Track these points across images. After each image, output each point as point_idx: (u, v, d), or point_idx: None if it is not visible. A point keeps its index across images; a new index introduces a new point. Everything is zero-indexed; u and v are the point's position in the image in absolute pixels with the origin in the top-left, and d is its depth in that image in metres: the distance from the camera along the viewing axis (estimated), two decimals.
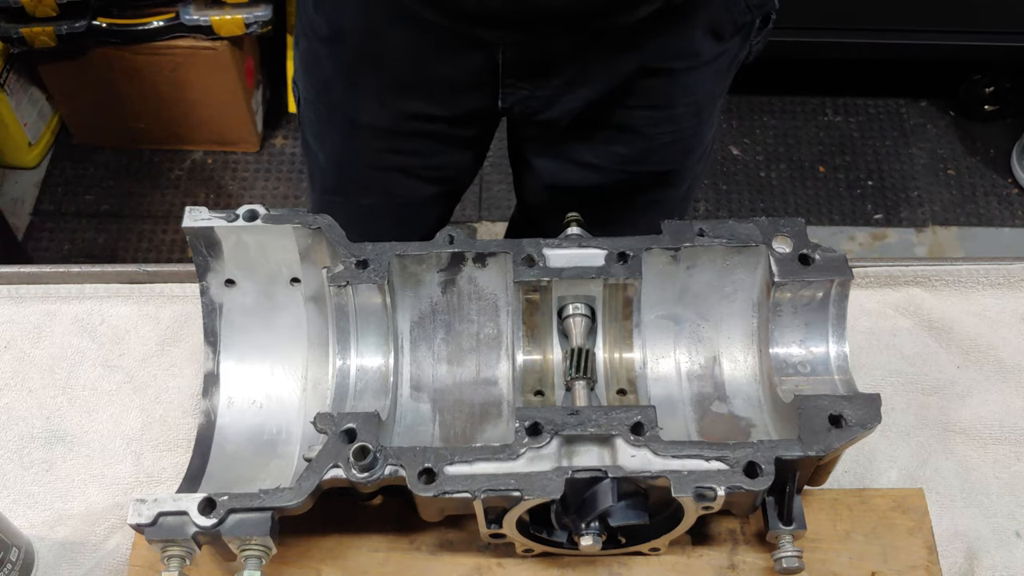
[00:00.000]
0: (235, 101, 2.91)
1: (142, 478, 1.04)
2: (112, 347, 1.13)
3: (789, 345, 0.92)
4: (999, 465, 1.04)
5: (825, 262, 0.90)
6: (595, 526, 0.83)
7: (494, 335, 0.99)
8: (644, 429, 0.83)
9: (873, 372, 1.10)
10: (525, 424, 0.83)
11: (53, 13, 2.61)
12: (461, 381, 0.98)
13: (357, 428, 0.84)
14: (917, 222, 2.84)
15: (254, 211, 0.94)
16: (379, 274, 0.92)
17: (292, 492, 0.82)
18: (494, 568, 0.95)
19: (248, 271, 0.98)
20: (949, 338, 1.12)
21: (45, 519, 1.01)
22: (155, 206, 3.00)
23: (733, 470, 0.81)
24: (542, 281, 0.93)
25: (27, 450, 1.06)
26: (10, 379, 1.11)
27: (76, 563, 0.98)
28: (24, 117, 2.94)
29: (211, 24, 2.66)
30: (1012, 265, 1.16)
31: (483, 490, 0.81)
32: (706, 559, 0.95)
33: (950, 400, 1.08)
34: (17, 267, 1.19)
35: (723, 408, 0.96)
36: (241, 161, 3.10)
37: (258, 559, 0.83)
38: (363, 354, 0.96)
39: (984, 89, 2.97)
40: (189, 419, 1.07)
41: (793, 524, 0.89)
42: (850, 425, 0.83)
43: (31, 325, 1.15)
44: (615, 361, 0.98)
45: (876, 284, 1.17)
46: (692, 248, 0.93)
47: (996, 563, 0.97)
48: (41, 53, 2.74)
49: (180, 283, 1.17)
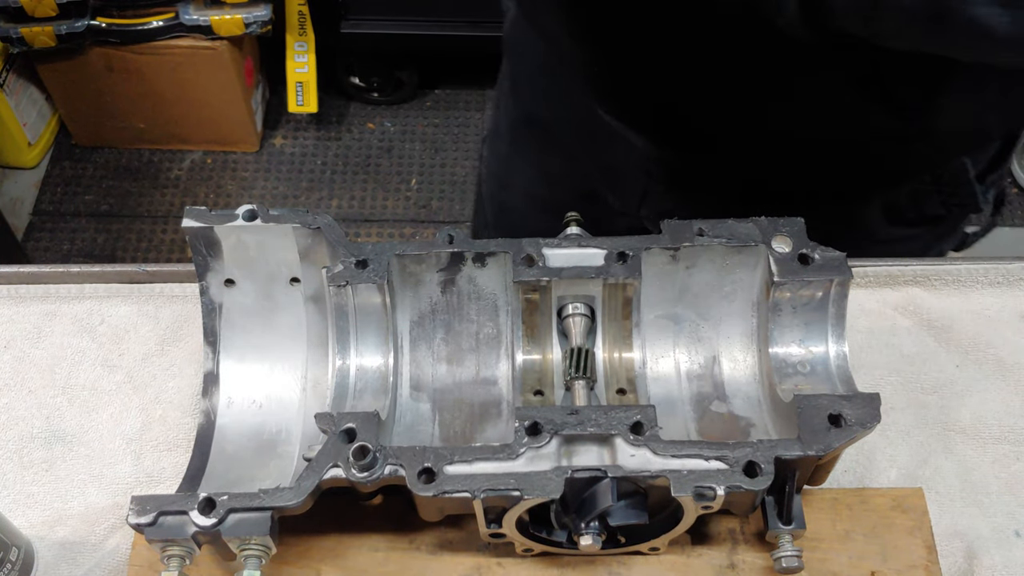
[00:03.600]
0: (234, 101, 2.92)
1: (142, 478, 1.04)
2: (112, 347, 1.13)
3: (788, 345, 0.93)
4: (999, 465, 1.04)
5: (824, 262, 0.90)
6: (595, 526, 0.83)
7: (494, 335, 0.99)
8: (644, 429, 0.83)
9: (873, 372, 1.10)
10: (525, 424, 0.83)
11: (53, 13, 2.61)
12: (461, 381, 0.98)
13: (357, 428, 0.84)
14: None
15: (253, 211, 0.94)
16: (378, 274, 0.92)
17: (292, 492, 0.82)
18: (494, 568, 0.95)
19: (248, 271, 0.98)
20: (949, 337, 1.12)
21: (45, 519, 1.01)
22: (155, 206, 3.00)
23: (732, 470, 0.81)
24: (542, 281, 0.93)
25: (27, 450, 1.06)
26: (10, 379, 1.11)
27: (76, 563, 0.98)
28: (24, 117, 2.95)
29: (211, 24, 2.66)
30: (1011, 264, 1.16)
31: (483, 490, 0.81)
32: (706, 559, 0.95)
33: (950, 399, 1.08)
34: (17, 267, 1.19)
35: (722, 408, 0.96)
36: (240, 161, 3.10)
37: (258, 559, 0.83)
38: (363, 354, 0.96)
39: None
40: (189, 419, 1.07)
41: (793, 523, 0.89)
42: (849, 424, 0.83)
43: (31, 325, 1.15)
44: (615, 361, 0.98)
45: (875, 284, 1.17)
46: (691, 248, 0.93)
47: (996, 563, 0.97)
48: (41, 53, 2.74)
49: (180, 283, 1.17)
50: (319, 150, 3.14)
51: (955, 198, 1.12)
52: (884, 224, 1.13)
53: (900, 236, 1.15)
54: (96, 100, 2.91)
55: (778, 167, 1.07)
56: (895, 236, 1.15)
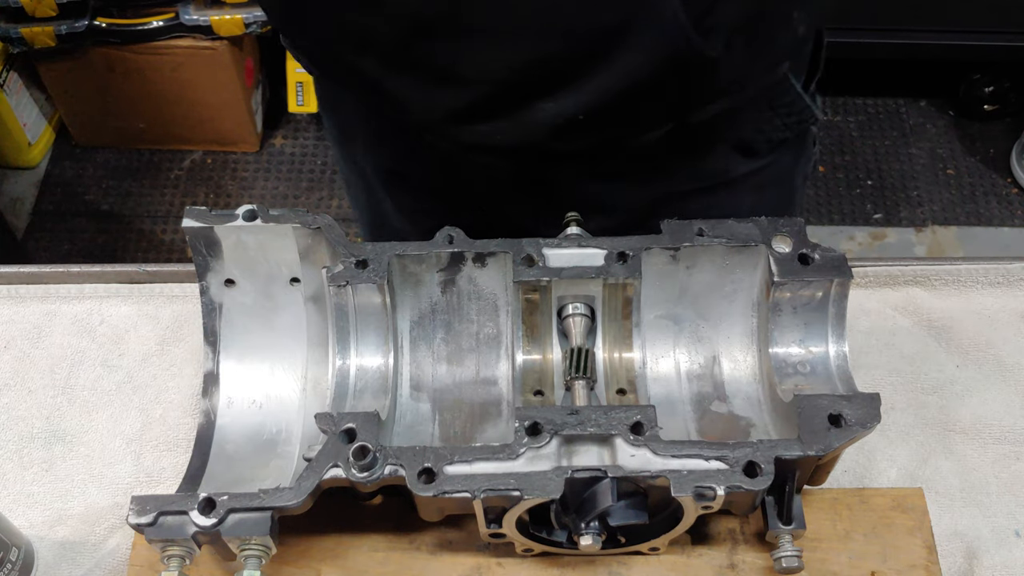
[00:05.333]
0: (235, 101, 2.91)
1: (142, 478, 1.04)
2: (112, 347, 1.13)
3: (789, 345, 0.93)
4: (999, 465, 1.04)
5: (825, 262, 0.90)
6: (595, 526, 0.83)
7: (494, 335, 0.99)
8: (644, 429, 0.83)
9: (873, 372, 1.10)
10: (525, 424, 0.83)
11: (53, 13, 2.61)
12: (461, 381, 0.98)
13: (357, 428, 0.84)
14: (916, 222, 2.84)
15: (253, 211, 0.94)
16: (379, 274, 0.92)
17: (292, 492, 0.82)
18: (494, 568, 0.95)
19: (248, 271, 0.98)
20: (949, 337, 1.12)
21: (45, 519, 1.01)
22: (155, 206, 3.00)
23: (733, 470, 0.81)
24: (542, 281, 0.93)
25: (27, 450, 1.06)
26: (10, 379, 1.11)
27: (76, 563, 0.98)
28: (24, 117, 2.94)
29: (211, 24, 2.66)
30: (1011, 264, 1.16)
31: (483, 490, 0.81)
32: (706, 559, 0.95)
33: (950, 399, 1.08)
34: (17, 267, 1.19)
35: (723, 408, 0.96)
36: (241, 161, 3.10)
37: (258, 559, 0.83)
38: (363, 354, 0.96)
39: (984, 89, 2.97)
40: (189, 419, 1.07)
41: (793, 523, 0.89)
42: (850, 425, 0.83)
43: (31, 325, 1.15)
44: (615, 361, 0.98)
45: (876, 284, 1.17)
46: (691, 248, 0.93)
47: (996, 563, 0.97)
48: (41, 53, 2.74)
49: (180, 283, 1.17)
50: (319, 150, 3.14)
51: (792, 115, 1.11)
52: (739, 160, 1.13)
53: (757, 168, 1.15)
54: (96, 100, 2.91)
55: (612, 143, 1.08)
56: (753, 169, 1.14)
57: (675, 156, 1.10)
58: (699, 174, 1.14)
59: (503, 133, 1.03)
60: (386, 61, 0.99)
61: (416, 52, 0.96)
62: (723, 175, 1.15)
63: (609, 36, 0.92)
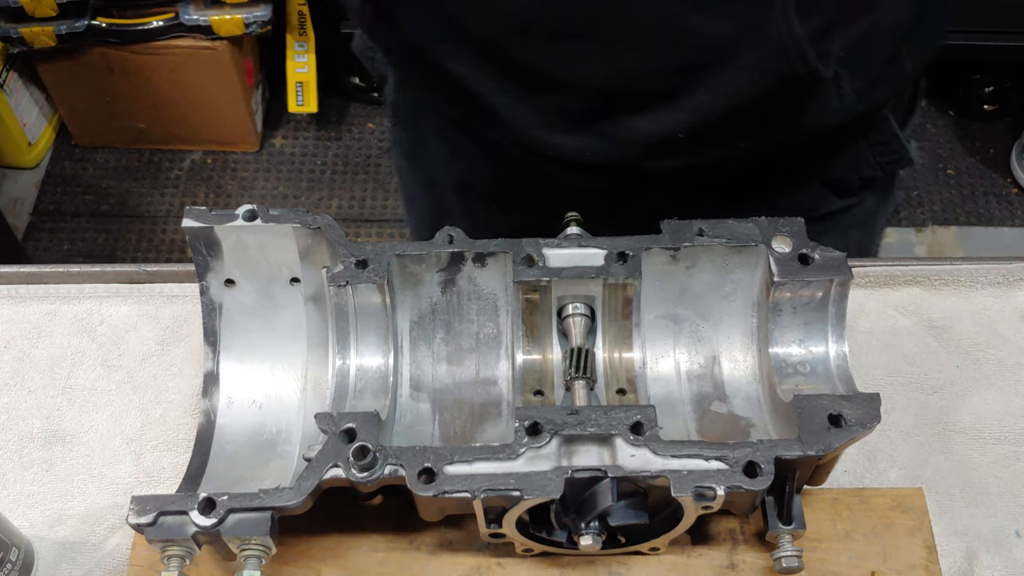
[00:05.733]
0: (234, 101, 2.92)
1: (142, 478, 1.04)
2: (112, 347, 1.13)
3: (788, 345, 0.92)
4: (999, 465, 1.04)
5: (824, 262, 0.90)
6: (595, 526, 0.83)
7: (494, 335, 0.99)
8: (644, 429, 0.83)
9: (873, 372, 1.10)
10: (525, 424, 0.83)
11: (53, 13, 2.61)
12: (461, 381, 0.98)
13: (357, 428, 0.84)
14: (916, 222, 2.84)
15: (253, 211, 0.94)
16: (378, 274, 0.92)
17: (292, 492, 0.82)
18: (494, 568, 0.95)
19: (248, 271, 0.98)
20: (949, 337, 1.12)
21: (45, 519, 1.01)
22: (155, 206, 3.00)
23: (733, 470, 0.81)
24: (542, 281, 0.93)
25: (27, 450, 1.06)
26: (10, 379, 1.11)
27: (76, 563, 0.98)
28: (24, 117, 2.95)
29: (210, 24, 2.66)
30: (1011, 264, 1.16)
31: (483, 490, 0.81)
32: (706, 559, 0.95)
33: (950, 400, 1.08)
34: (17, 267, 1.19)
35: (723, 408, 0.96)
36: (240, 161, 3.10)
37: (258, 559, 0.83)
38: (363, 354, 0.96)
39: (984, 89, 2.97)
40: (189, 419, 1.07)
41: (793, 523, 0.89)
42: (850, 425, 0.83)
43: (31, 325, 1.15)
44: (615, 361, 0.98)
45: (876, 284, 1.17)
46: (691, 248, 0.93)
47: (996, 563, 0.97)
48: (41, 53, 2.74)
49: (180, 283, 1.17)
50: (319, 150, 3.14)
51: (886, 155, 1.11)
52: (830, 198, 1.13)
53: (844, 207, 1.15)
54: (96, 100, 2.91)
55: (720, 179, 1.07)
56: (840, 207, 1.14)
57: (767, 189, 1.08)
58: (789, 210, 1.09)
59: (593, 149, 1.01)
60: (478, 61, 0.97)
61: (511, 52, 0.94)
62: (812, 211, 1.10)
63: (718, 49, 0.89)
